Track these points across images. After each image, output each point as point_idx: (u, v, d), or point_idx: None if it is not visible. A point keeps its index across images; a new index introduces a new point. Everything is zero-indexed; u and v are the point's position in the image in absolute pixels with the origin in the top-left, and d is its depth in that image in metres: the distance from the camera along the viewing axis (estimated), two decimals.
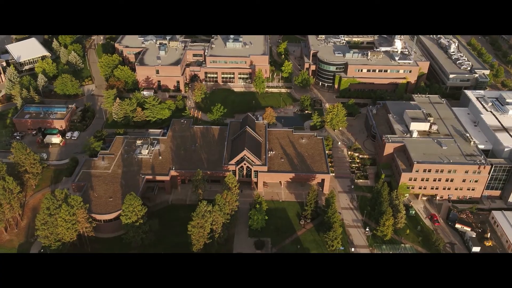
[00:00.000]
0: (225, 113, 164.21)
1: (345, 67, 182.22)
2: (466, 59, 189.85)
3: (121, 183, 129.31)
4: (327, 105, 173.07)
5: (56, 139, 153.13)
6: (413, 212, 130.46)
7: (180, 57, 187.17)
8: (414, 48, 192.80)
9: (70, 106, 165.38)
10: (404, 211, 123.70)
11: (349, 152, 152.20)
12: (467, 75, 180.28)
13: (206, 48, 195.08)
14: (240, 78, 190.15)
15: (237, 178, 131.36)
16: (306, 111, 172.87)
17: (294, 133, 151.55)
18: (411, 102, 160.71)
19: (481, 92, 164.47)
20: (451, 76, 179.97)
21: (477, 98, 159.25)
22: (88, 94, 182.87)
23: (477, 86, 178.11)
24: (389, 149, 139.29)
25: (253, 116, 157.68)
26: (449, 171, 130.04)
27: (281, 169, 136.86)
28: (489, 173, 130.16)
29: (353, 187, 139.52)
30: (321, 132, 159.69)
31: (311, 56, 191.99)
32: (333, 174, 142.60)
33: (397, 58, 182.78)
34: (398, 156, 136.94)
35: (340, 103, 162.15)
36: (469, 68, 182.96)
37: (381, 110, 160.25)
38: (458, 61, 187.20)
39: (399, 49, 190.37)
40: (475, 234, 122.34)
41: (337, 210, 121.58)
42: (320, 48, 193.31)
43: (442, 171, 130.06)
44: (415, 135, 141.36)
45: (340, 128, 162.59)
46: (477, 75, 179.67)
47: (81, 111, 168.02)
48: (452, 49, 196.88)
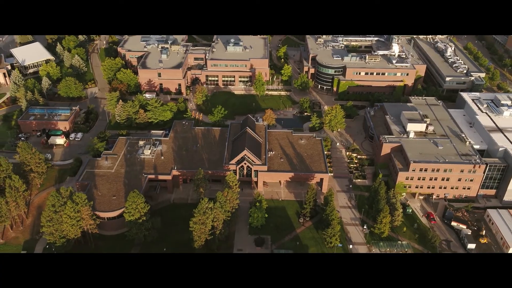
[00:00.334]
0: (225, 115, 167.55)
1: (343, 70, 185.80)
2: (462, 62, 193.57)
3: (124, 182, 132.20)
4: (326, 107, 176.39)
5: (60, 140, 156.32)
6: (410, 211, 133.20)
7: (181, 61, 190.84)
8: (411, 52, 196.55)
9: (74, 108, 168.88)
10: (401, 209, 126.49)
11: (347, 153, 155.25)
12: (463, 78, 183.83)
13: (207, 52, 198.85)
14: (240, 81, 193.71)
15: (237, 177, 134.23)
16: (305, 113, 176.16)
17: (293, 134, 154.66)
18: (408, 104, 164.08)
19: (477, 94, 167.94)
20: (447, 79, 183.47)
21: (472, 100, 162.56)
22: (91, 96, 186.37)
23: (473, 88, 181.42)
24: (386, 149, 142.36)
25: (253, 118, 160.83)
26: (445, 170, 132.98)
27: (281, 168, 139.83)
28: (484, 172, 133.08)
29: (351, 186, 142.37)
30: (320, 134, 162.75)
31: (310, 59, 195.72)
32: (332, 174, 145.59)
33: (394, 62, 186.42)
34: (395, 156, 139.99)
35: (339, 105, 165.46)
36: (465, 71, 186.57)
37: (378, 112, 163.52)
38: (455, 65, 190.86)
39: (396, 52, 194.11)
40: (470, 231, 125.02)
41: (335, 208, 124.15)
42: (319, 51, 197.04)
43: (438, 170, 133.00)
44: (411, 135, 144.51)
45: (339, 129, 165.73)
46: (473, 78, 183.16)
47: (85, 113, 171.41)
48: (449, 52, 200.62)
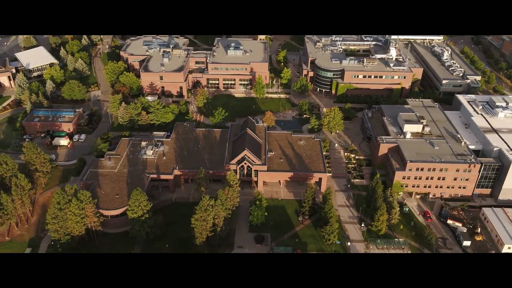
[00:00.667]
0: (226, 117, 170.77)
1: (342, 73, 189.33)
2: (459, 66, 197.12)
3: (127, 181, 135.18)
4: (324, 109, 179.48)
5: (64, 141, 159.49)
6: (407, 209, 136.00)
7: (183, 64, 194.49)
8: (409, 55, 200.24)
9: (77, 110, 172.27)
10: (398, 207, 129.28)
11: (345, 154, 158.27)
12: (459, 81, 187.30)
13: (208, 55, 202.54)
14: (240, 84, 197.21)
15: (238, 177, 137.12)
16: (305, 115, 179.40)
17: (292, 135, 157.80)
18: (405, 106, 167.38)
19: (472, 96, 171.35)
20: (444, 81, 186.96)
21: (468, 102, 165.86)
22: (94, 99, 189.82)
23: (469, 91, 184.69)
24: (383, 149, 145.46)
25: (253, 120, 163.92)
26: (440, 170, 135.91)
27: (280, 168, 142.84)
28: (479, 172, 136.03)
29: (349, 186, 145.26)
30: (318, 135, 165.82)
31: (309, 63, 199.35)
32: (330, 174, 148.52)
33: (392, 65, 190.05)
34: (392, 156, 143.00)
35: (337, 107, 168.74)
36: (461, 74, 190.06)
37: (376, 114, 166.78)
38: (451, 68, 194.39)
39: (394, 56, 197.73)
40: (466, 229, 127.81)
41: (333, 206, 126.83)
42: (318, 55, 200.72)
43: (434, 169, 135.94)
44: (408, 136, 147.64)
45: (337, 131, 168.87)
46: (469, 81, 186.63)
47: (88, 115, 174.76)
48: (445, 56, 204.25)
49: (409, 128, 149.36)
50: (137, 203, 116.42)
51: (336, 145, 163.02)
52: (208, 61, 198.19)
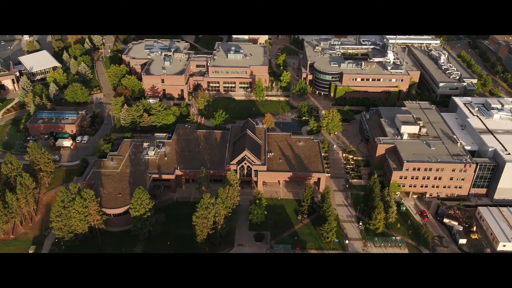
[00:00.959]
0: (226, 119, 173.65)
1: (340, 76, 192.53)
2: (455, 69, 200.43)
3: (129, 181, 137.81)
4: (323, 112, 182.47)
5: (67, 142, 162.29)
6: (404, 209, 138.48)
7: (184, 67, 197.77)
8: (406, 59, 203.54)
9: (80, 112, 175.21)
10: (395, 206, 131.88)
11: (344, 154, 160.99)
12: (455, 84, 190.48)
13: (208, 59, 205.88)
14: (241, 87, 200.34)
15: (238, 176, 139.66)
16: (304, 118, 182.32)
17: (292, 137, 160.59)
18: (402, 108, 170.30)
19: (468, 98, 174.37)
20: (440, 84, 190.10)
21: (464, 104, 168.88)
22: (97, 102, 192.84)
23: (465, 94, 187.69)
24: (381, 150, 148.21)
25: (253, 122, 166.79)
26: (437, 170, 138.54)
27: (280, 168, 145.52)
28: (474, 172, 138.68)
29: (347, 186, 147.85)
30: (317, 137, 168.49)
31: (308, 66, 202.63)
32: (329, 175, 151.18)
33: (389, 68, 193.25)
34: (389, 157, 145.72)
35: (335, 109, 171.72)
36: (458, 77, 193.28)
37: (374, 115, 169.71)
38: (448, 71, 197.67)
39: (391, 59, 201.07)
40: (462, 228, 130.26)
41: (331, 205, 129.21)
42: (316, 59, 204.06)
43: (430, 169, 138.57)
44: (405, 137, 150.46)
45: (336, 132, 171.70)
46: (465, 84, 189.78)
47: (91, 117, 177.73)
48: (442, 60, 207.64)
49: (406, 129, 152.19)
50: (139, 201, 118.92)
51: (335, 146, 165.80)
52: (208, 64, 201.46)
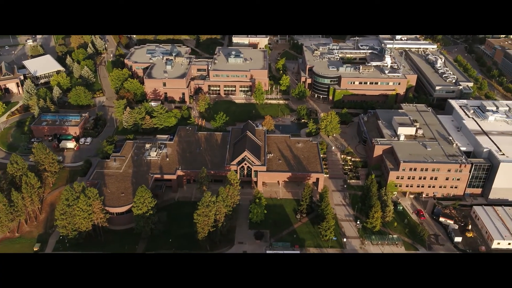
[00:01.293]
0: (227, 121, 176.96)
1: (338, 80, 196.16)
2: (452, 73, 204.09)
3: (132, 181, 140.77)
4: (322, 114, 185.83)
5: (70, 144, 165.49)
6: (401, 208, 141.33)
7: (185, 71, 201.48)
8: (403, 63, 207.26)
9: (83, 114, 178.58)
10: (392, 205, 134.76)
11: (342, 156, 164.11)
12: (452, 87, 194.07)
13: (209, 63, 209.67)
14: (241, 90, 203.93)
15: (238, 176, 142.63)
16: (303, 120, 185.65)
17: (291, 138, 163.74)
18: (399, 110, 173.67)
19: (464, 101, 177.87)
20: (437, 88, 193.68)
21: (460, 106, 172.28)
22: (99, 105, 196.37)
23: (461, 97, 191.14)
24: (378, 150, 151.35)
25: (253, 124, 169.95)
26: (433, 170, 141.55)
27: (279, 169, 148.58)
28: (470, 172, 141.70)
29: (345, 186, 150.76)
30: (316, 139, 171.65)
31: (307, 70, 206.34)
32: (327, 175, 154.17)
33: (386, 72, 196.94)
34: (386, 157, 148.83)
35: (334, 111, 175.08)
36: (454, 81, 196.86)
37: (371, 118, 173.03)
38: (444, 75, 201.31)
39: (388, 63, 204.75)
40: (457, 226, 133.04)
41: (329, 203, 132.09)
42: (315, 63, 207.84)
43: (426, 169, 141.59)
44: (402, 138, 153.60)
45: (334, 134, 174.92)
46: (461, 87, 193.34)
47: (94, 119, 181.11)
48: (439, 64, 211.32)
49: (402, 131, 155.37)
50: (142, 199, 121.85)
51: (333, 147, 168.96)
52: (209, 68, 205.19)
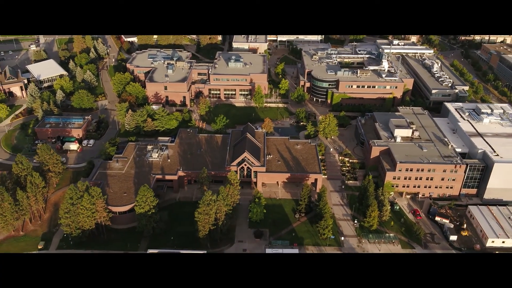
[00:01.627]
0: (227, 124, 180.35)
1: (336, 83, 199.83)
2: (448, 77, 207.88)
3: (134, 181, 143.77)
4: (320, 117, 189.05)
5: (73, 146, 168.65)
6: (398, 208, 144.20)
7: (186, 75, 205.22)
8: (400, 67, 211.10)
9: (86, 117, 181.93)
10: (388, 205, 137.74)
11: (340, 157, 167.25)
12: (448, 91, 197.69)
13: (210, 67, 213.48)
14: (241, 94, 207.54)
15: (238, 177, 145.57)
16: (301, 123, 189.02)
17: (290, 140, 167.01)
18: (396, 113, 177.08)
19: (460, 104, 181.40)
20: (433, 91, 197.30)
21: (455, 109, 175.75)
22: (102, 108, 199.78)
23: (457, 100, 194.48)
24: (375, 152, 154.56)
25: (253, 126, 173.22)
26: (429, 170, 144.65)
27: (278, 170, 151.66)
28: (465, 172, 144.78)
29: (343, 187, 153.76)
30: (314, 141, 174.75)
31: (306, 74, 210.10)
32: (326, 176, 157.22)
33: (384, 76, 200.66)
34: (383, 158, 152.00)
35: (332, 113, 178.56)
36: (450, 85, 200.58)
37: (369, 120, 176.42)
38: (440, 79, 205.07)
39: (386, 68, 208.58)
40: (452, 225, 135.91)
41: (327, 203, 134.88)
42: (314, 67, 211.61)
43: (422, 170, 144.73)
44: (398, 140, 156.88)
45: (332, 136, 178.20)
46: (457, 91, 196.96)
47: (96, 122, 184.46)
48: (435, 68, 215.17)
49: (399, 133, 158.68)
50: (144, 198, 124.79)
51: (331, 149, 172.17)
52: (210, 72, 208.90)
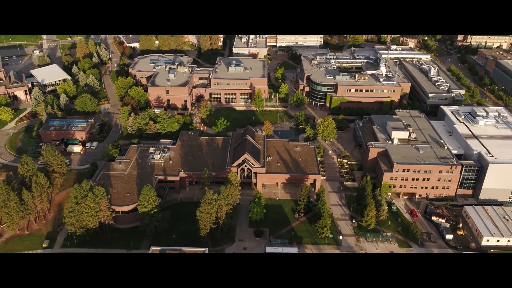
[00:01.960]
0: (227, 127, 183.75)
1: (335, 87, 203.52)
2: (445, 81, 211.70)
3: (136, 182, 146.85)
4: (319, 120, 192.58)
5: (77, 148, 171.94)
6: (395, 208, 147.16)
7: (187, 80, 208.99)
8: (397, 72, 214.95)
9: (89, 120, 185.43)
10: (386, 205, 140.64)
11: (338, 159, 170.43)
12: (444, 94, 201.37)
13: (210, 72, 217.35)
14: (241, 98, 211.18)
15: (238, 177, 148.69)
16: (301, 126, 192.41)
17: (289, 143, 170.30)
18: (393, 116, 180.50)
19: (456, 107, 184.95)
20: (430, 95, 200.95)
21: (452, 112, 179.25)
22: (104, 112, 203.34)
23: (454, 104, 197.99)
24: (373, 153, 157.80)
25: (253, 129, 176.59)
26: (425, 171, 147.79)
27: (278, 171, 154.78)
28: (460, 173, 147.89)
29: (341, 188, 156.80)
30: (313, 143, 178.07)
31: (305, 78, 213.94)
32: (324, 178, 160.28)
33: (381, 80, 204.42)
34: (381, 160, 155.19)
35: (330, 116, 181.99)
36: (446, 89, 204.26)
37: (367, 123, 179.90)
38: (437, 83, 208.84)
39: (383, 72, 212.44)
40: (449, 225, 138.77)
41: (326, 202, 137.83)
42: (313, 72, 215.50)
43: (419, 171, 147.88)
44: (396, 142, 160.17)
45: (331, 139, 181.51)
46: (453, 94, 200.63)
47: (99, 125, 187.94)
48: (432, 73, 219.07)
49: (396, 135, 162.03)
50: (147, 197, 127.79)
51: (330, 151, 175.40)
52: (210, 76, 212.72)
